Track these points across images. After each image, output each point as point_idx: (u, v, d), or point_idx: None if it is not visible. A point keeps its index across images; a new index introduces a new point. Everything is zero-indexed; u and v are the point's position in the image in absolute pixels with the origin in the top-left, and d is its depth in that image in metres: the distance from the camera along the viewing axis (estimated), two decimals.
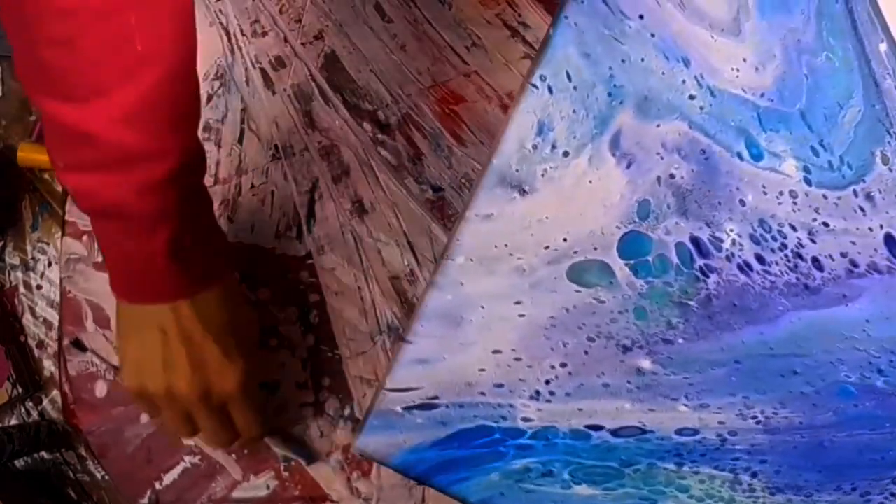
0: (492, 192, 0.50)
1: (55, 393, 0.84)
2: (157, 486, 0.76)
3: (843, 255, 0.49)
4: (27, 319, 0.85)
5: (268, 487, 0.73)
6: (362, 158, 0.74)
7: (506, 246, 0.50)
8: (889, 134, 0.48)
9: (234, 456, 0.73)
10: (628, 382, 0.50)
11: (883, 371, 0.49)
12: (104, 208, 0.52)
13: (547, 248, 0.50)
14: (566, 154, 0.50)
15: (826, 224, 0.49)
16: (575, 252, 0.50)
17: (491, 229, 0.50)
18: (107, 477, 0.79)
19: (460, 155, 0.75)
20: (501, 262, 0.50)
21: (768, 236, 0.49)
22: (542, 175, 0.50)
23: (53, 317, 0.83)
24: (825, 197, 0.49)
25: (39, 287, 0.84)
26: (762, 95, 0.49)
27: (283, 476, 0.73)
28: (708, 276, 0.49)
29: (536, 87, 0.50)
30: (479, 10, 0.79)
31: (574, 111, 0.49)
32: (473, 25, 0.79)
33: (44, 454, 0.84)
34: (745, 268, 0.49)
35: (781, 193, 0.49)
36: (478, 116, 0.77)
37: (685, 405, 0.50)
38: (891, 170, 0.48)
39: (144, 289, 0.56)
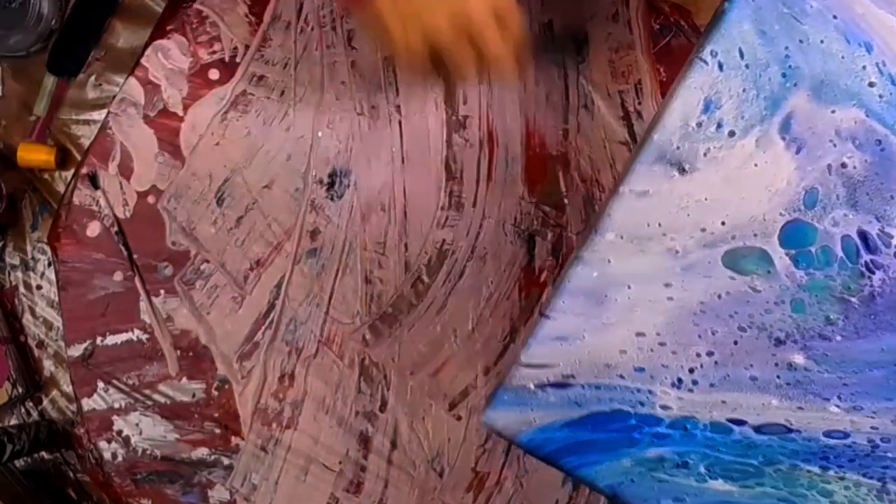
0: (650, 168, 0.48)
1: (55, 393, 0.83)
2: (99, 341, 0.76)
3: None
4: (27, 319, 0.84)
5: (193, 396, 0.73)
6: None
7: (659, 225, 0.48)
8: None
9: (178, 352, 0.74)
10: (778, 377, 0.48)
11: None
12: None
13: (703, 230, 0.48)
14: (732, 134, 0.48)
15: None
16: (733, 237, 0.48)
17: (645, 206, 0.48)
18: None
19: None
20: (653, 241, 0.48)
21: None
22: (705, 154, 0.48)
23: (53, 317, 0.83)
24: None
25: (39, 287, 0.84)
26: None
27: (212, 393, 0.73)
28: (873, 273, 0.47)
29: (706, 63, 0.48)
30: (608, 79, 0.79)
31: (744, 90, 0.47)
32: (595, 90, 0.78)
33: (44, 454, 0.83)
34: None
35: None
36: (547, 178, 0.78)
37: (837, 406, 0.48)
38: None
39: None
